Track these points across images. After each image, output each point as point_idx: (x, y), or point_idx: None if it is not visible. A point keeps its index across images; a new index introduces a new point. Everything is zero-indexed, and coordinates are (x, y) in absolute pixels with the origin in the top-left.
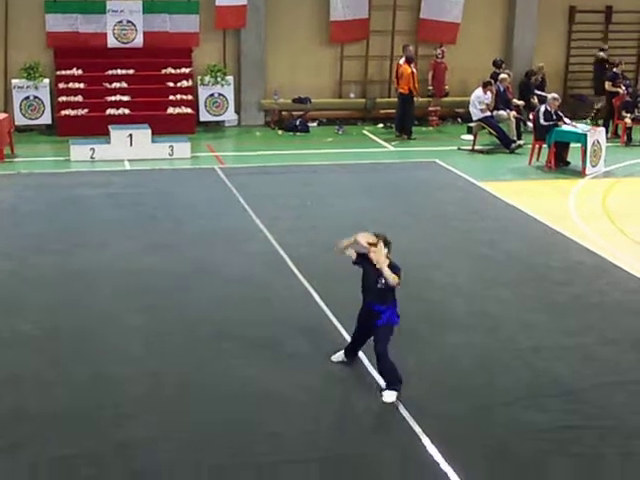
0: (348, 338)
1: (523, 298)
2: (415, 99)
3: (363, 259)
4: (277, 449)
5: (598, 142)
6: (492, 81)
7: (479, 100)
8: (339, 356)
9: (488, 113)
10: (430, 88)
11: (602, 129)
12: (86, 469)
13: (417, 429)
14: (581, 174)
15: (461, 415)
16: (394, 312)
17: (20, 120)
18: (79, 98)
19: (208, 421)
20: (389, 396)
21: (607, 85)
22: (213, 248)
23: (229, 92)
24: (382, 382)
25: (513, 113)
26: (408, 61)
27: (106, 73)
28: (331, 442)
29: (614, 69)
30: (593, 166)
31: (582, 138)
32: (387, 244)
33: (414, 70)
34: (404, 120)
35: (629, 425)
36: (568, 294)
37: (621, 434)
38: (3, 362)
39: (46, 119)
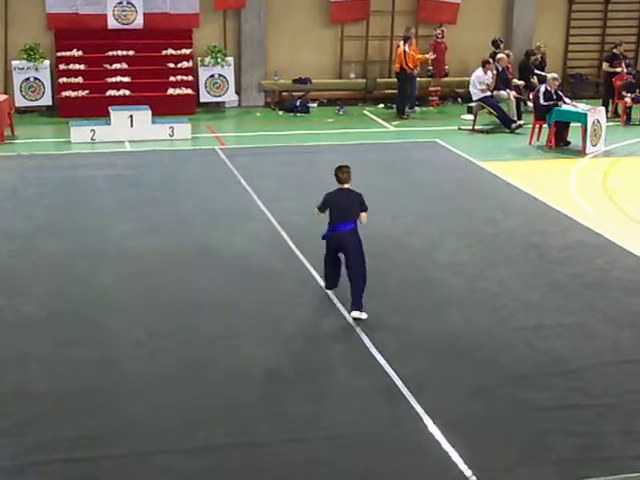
0: (348, 317)
1: (523, 277)
2: (412, 76)
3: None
4: (278, 429)
5: (598, 121)
6: (491, 60)
7: (479, 80)
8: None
9: (488, 93)
10: (430, 68)
11: (602, 108)
12: (90, 450)
13: (418, 408)
14: (581, 153)
15: (462, 394)
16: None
17: (20, 101)
18: (79, 79)
19: (210, 401)
20: (363, 315)
21: (604, 66)
22: (214, 229)
23: (229, 73)
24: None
25: (513, 93)
26: (404, 40)
27: (106, 54)
28: (331, 422)
29: (613, 50)
30: (593, 145)
31: (582, 118)
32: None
33: (406, 49)
34: (398, 99)
35: (629, 403)
36: (568, 273)
37: (621, 412)
38: (7, 343)
39: (46, 100)
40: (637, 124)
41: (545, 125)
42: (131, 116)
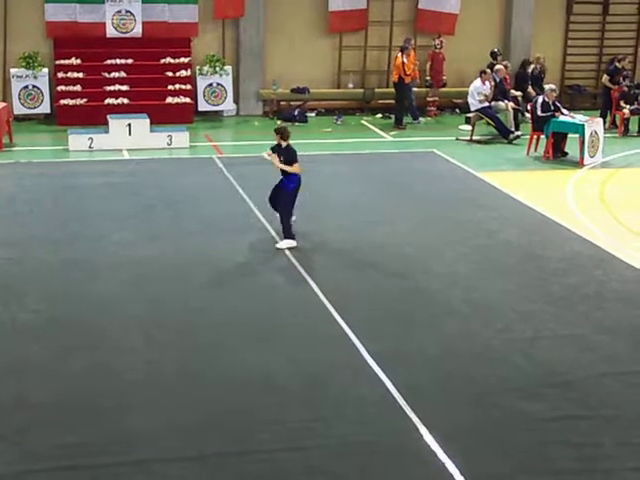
0: (346, 327)
1: (520, 288)
2: (409, 85)
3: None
4: (276, 437)
5: (596, 133)
6: (488, 70)
7: (477, 91)
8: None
9: (486, 104)
10: (428, 78)
11: (600, 120)
12: (87, 458)
13: (414, 418)
14: (579, 164)
15: (459, 405)
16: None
17: (19, 109)
18: (78, 87)
19: (208, 409)
20: (283, 244)
21: (604, 79)
22: (212, 238)
23: (228, 82)
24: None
25: (511, 104)
26: (401, 50)
27: (105, 63)
28: (328, 430)
29: (616, 63)
30: (591, 157)
31: (580, 129)
32: (284, 136)
33: (404, 60)
34: (396, 109)
35: (627, 415)
36: (565, 284)
37: (620, 424)
38: (5, 351)
39: (45, 108)
40: (635, 135)
41: (543, 136)
42: (129, 124)
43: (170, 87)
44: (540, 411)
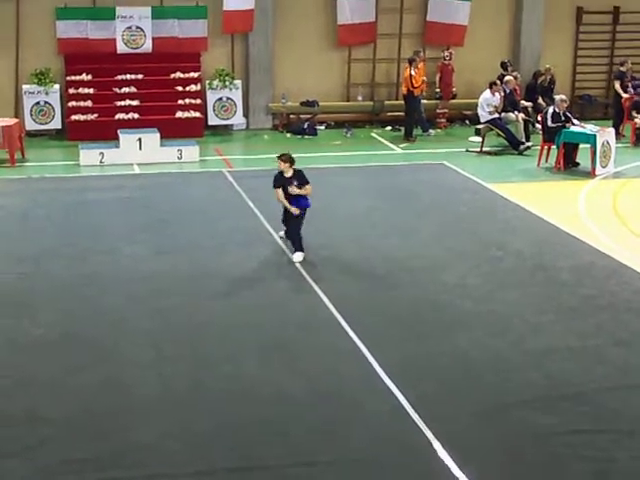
0: (357, 340)
1: (533, 299)
2: (418, 98)
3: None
4: (287, 451)
5: (607, 143)
6: (498, 82)
7: (487, 102)
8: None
9: (496, 115)
10: (437, 90)
11: (611, 130)
12: (98, 472)
13: (428, 433)
14: (590, 175)
15: (472, 418)
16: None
17: (31, 125)
18: (89, 103)
19: (218, 423)
20: (297, 257)
21: (616, 85)
22: (222, 252)
23: (237, 96)
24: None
25: (521, 115)
26: (409, 63)
27: (115, 78)
28: (340, 445)
29: (620, 68)
30: (603, 167)
31: (591, 139)
32: (292, 163)
33: (412, 72)
34: (406, 121)
35: None
36: (578, 295)
37: (635, 438)
38: (17, 366)
39: (56, 124)
40: None
41: (554, 147)
42: (140, 139)
43: (180, 102)
44: (553, 424)
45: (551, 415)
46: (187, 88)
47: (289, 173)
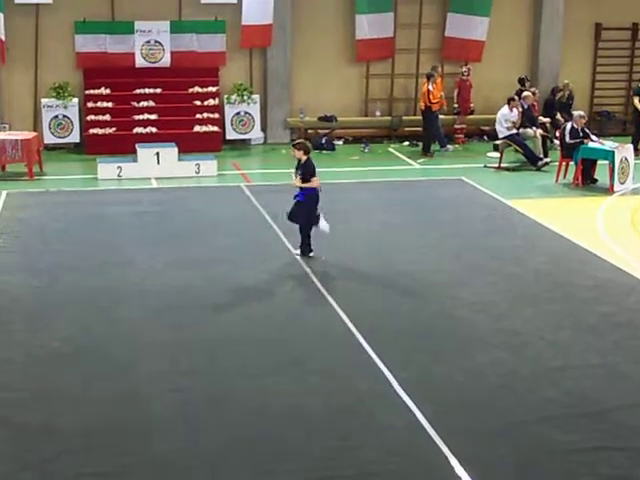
0: (373, 354)
1: (550, 316)
2: (436, 113)
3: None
4: (303, 467)
5: (626, 159)
6: (516, 97)
7: (505, 118)
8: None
9: (514, 131)
10: (456, 106)
11: (630, 146)
12: None
13: (444, 449)
14: (609, 191)
15: (490, 434)
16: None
17: (49, 138)
18: (107, 117)
19: (234, 437)
20: (298, 252)
21: (635, 101)
22: (240, 266)
23: (255, 110)
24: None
25: (539, 131)
26: (427, 78)
27: (134, 92)
28: (356, 461)
29: (638, 84)
30: (621, 183)
31: (609, 155)
32: (306, 151)
33: (430, 87)
34: (424, 137)
35: None
36: (596, 312)
37: None
38: (34, 378)
39: (74, 137)
40: None
41: (572, 163)
42: (157, 153)
43: (198, 116)
44: (571, 442)
45: (569, 432)
46: (205, 102)
47: (303, 160)
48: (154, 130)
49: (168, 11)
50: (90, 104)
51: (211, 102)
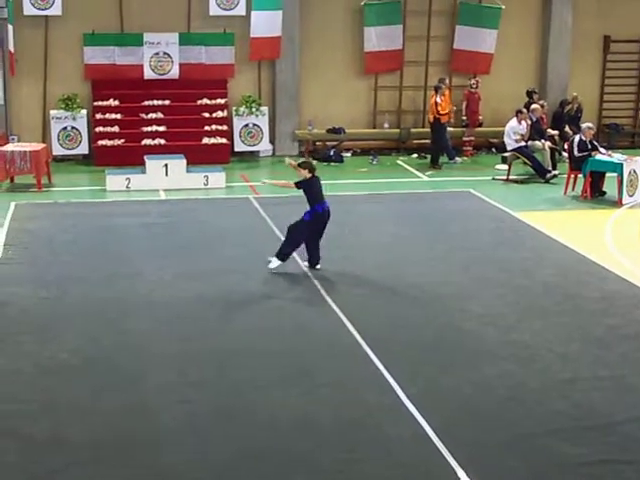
0: (381, 366)
1: (558, 328)
2: (444, 125)
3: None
4: (311, 478)
5: (634, 172)
6: (524, 110)
7: (514, 130)
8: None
9: (523, 143)
10: (464, 118)
11: (638, 158)
12: None
13: (452, 461)
14: (617, 204)
15: (497, 447)
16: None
17: (58, 150)
18: (115, 129)
19: (243, 449)
20: (273, 262)
21: None
22: (248, 278)
23: (264, 122)
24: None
25: (548, 143)
26: (435, 90)
27: (142, 104)
28: (364, 473)
29: None
30: (630, 196)
31: (618, 168)
32: (312, 169)
33: (438, 99)
34: (432, 149)
35: None
36: (604, 325)
37: None
38: (42, 389)
39: (83, 149)
40: None
41: (580, 175)
42: (166, 165)
43: (207, 128)
44: (580, 455)
45: (578, 445)
46: (214, 114)
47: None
48: (162, 142)
49: (177, 23)
50: (99, 116)
51: (219, 114)
